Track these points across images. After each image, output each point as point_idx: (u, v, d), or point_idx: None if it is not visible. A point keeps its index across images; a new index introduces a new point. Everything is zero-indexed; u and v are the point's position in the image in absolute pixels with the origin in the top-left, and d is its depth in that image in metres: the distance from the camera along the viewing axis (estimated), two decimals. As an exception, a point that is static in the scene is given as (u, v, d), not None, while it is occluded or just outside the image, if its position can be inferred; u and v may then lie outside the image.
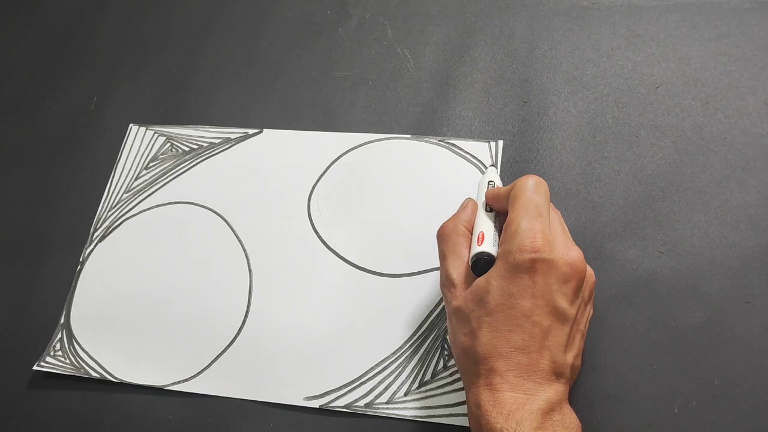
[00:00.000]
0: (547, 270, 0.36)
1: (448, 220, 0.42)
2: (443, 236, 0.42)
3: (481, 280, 0.38)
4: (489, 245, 0.39)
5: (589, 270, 0.39)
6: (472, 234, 0.41)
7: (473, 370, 0.37)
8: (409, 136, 0.53)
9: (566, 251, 0.37)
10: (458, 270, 0.40)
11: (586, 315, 0.39)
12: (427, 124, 0.53)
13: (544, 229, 0.37)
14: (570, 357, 0.37)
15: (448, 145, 0.51)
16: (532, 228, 0.37)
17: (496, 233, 0.41)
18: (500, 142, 0.51)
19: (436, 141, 0.52)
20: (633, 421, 0.40)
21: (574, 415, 0.36)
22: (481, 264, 0.39)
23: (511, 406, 0.34)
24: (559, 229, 0.39)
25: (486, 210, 0.42)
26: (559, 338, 0.36)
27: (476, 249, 0.39)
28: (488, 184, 0.44)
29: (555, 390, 0.35)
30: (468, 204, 0.43)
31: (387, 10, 0.59)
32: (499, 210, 0.42)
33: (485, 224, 0.41)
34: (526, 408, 0.34)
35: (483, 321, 0.37)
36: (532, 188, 0.39)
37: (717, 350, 0.41)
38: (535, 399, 0.34)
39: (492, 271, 0.37)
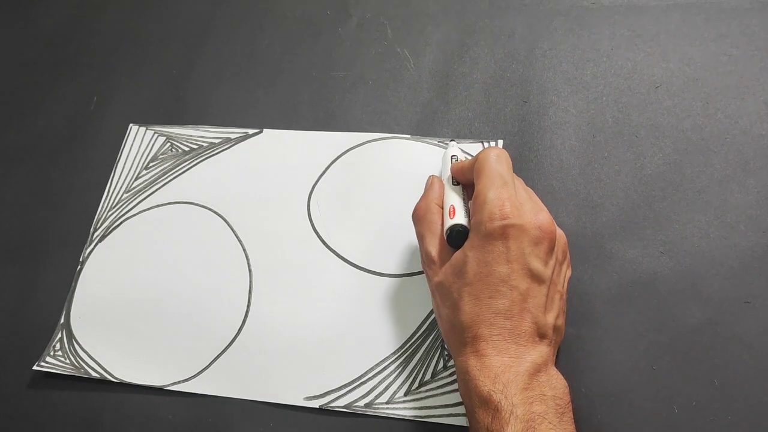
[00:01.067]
0: (518, 235, 0.37)
1: (420, 200, 0.44)
2: (418, 217, 0.43)
3: (458, 253, 0.39)
4: (461, 217, 0.41)
5: (560, 231, 0.41)
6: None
7: (459, 340, 0.38)
8: (409, 136, 0.53)
9: (534, 215, 0.38)
10: (436, 247, 0.41)
11: (563, 275, 0.41)
12: (427, 124, 0.53)
13: (511, 196, 0.38)
14: (551, 317, 0.38)
15: (447, 146, 0.51)
16: (499, 197, 0.38)
17: (466, 205, 0.42)
18: (500, 142, 0.51)
19: (436, 141, 0.52)
20: (633, 421, 0.40)
21: (560, 376, 0.37)
22: (455, 235, 0.40)
23: (498, 369, 0.35)
24: (525, 195, 0.41)
25: (453, 184, 0.44)
26: (538, 299, 0.37)
27: (449, 222, 0.41)
28: (451, 158, 0.45)
29: (540, 352, 0.36)
30: (434, 181, 0.45)
31: (387, 10, 0.59)
32: (465, 182, 0.43)
33: (454, 198, 0.42)
34: (512, 370, 0.35)
35: (463, 291, 0.38)
36: (495, 159, 0.40)
37: (717, 350, 0.41)
38: (521, 362, 0.36)
39: (467, 243, 0.39)
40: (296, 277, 0.48)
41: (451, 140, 0.50)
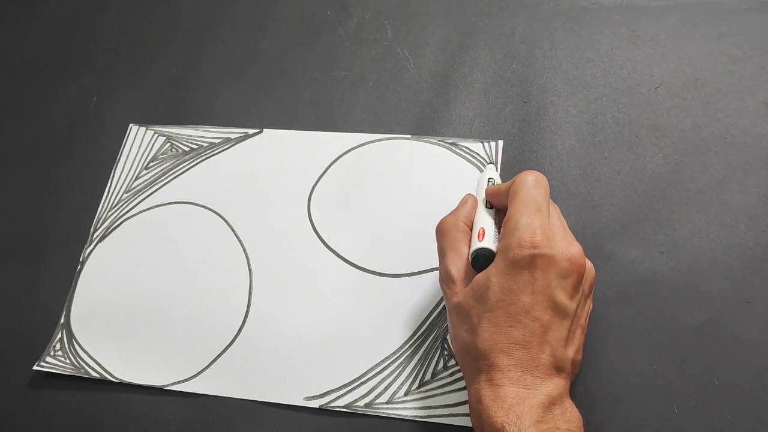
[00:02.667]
0: (546, 265, 0.36)
1: (448, 215, 0.43)
2: (442, 232, 0.42)
3: (480, 276, 0.38)
4: (490, 241, 0.39)
5: (589, 264, 0.39)
6: (471, 230, 0.41)
7: (474, 365, 0.37)
8: (409, 136, 0.53)
9: (566, 246, 0.37)
10: (458, 266, 0.40)
11: (586, 309, 0.39)
12: (427, 124, 0.53)
13: (543, 224, 0.37)
14: (571, 351, 0.37)
15: (448, 145, 0.51)
16: (531, 223, 0.37)
17: (497, 230, 0.41)
18: (500, 142, 0.51)
19: (436, 141, 0.52)
20: (633, 421, 0.40)
21: (575, 409, 0.36)
22: (482, 259, 0.39)
23: (512, 400, 0.34)
24: (559, 224, 0.39)
25: (486, 206, 0.42)
26: (560, 333, 0.36)
27: (477, 245, 0.39)
28: (488, 181, 0.44)
29: (556, 384, 0.36)
30: (468, 200, 0.43)
31: (387, 10, 0.59)
32: (499, 206, 0.42)
33: (486, 220, 0.41)
34: (526, 402, 0.34)
35: (483, 317, 0.37)
36: (532, 184, 0.39)
37: (717, 350, 0.41)
38: (536, 393, 0.35)
39: (491, 267, 0.38)
40: (296, 277, 0.48)
41: (490, 162, 0.50)
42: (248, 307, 0.48)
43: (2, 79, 0.63)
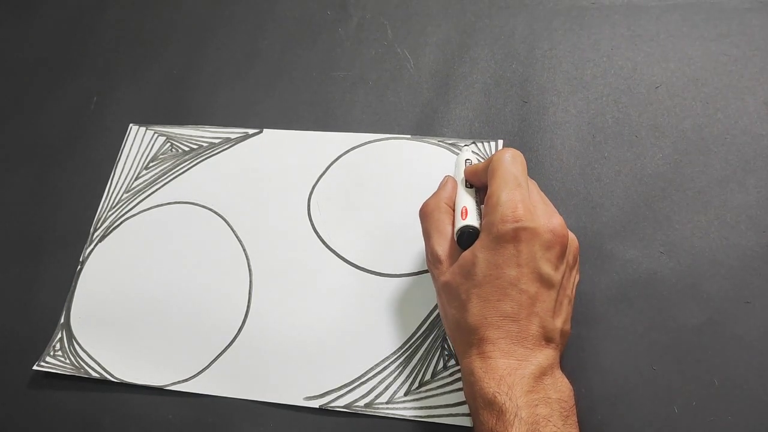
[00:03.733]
0: (530, 238, 0.37)
1: (430, 198, 0.43)
2: (426, 214, 0.43)
3: (467, 253, 0.39)
4: (473, 219, 0.40)
5: (572, 235, 0.40)
6: (454, 210, 0.42)
7: (466, 341, 0.38)
8: (409, 136, 0.53)
9: (547, 219, 0.38)
10: (443, 246, 0.41)
11: (572, 280, 0.40)
12: (427, 124, 0.53)
13: (524, 198, 0.38)
14: (559, 322, 0.38)
15: (447, 146, 0.51)
16: (512, 198, 0.38)
17: (479, 207, 0.42)
18: (500, 142, 0.51)
19: (436, 141, 0.52)
20: (633, 421, 0.40)
21: (565, 380, 0.37)
22: (466, 237, 0.40)
23: (503, 371, 0.35)
24: (538, 198, 0.40)
25: (466, 186, 0.43)
26: (547, 304, 0.37)
27: (461, 223, 0.40)
28: (465, 162, 0.45)
29: (546, 355, 0.36)
30: (447, 181, 0.44)
31: (387, 10, 0.59)
32: (479, 185, 0.43)
33: (467, 199, 0.42)
34: (517, 373, 0.35)
35: (472, 293, 0.37)
36: (509, 160, 0.40)
37: (717, 350, 0.41)
38: (527, 364, 0.35)
39: (477, 244, 0.38)
40: (296, 278, 0.48)
41: (466, 144, 0.50)
42: (248, 307, 0.48)
43: (2, 79, 0.63)
